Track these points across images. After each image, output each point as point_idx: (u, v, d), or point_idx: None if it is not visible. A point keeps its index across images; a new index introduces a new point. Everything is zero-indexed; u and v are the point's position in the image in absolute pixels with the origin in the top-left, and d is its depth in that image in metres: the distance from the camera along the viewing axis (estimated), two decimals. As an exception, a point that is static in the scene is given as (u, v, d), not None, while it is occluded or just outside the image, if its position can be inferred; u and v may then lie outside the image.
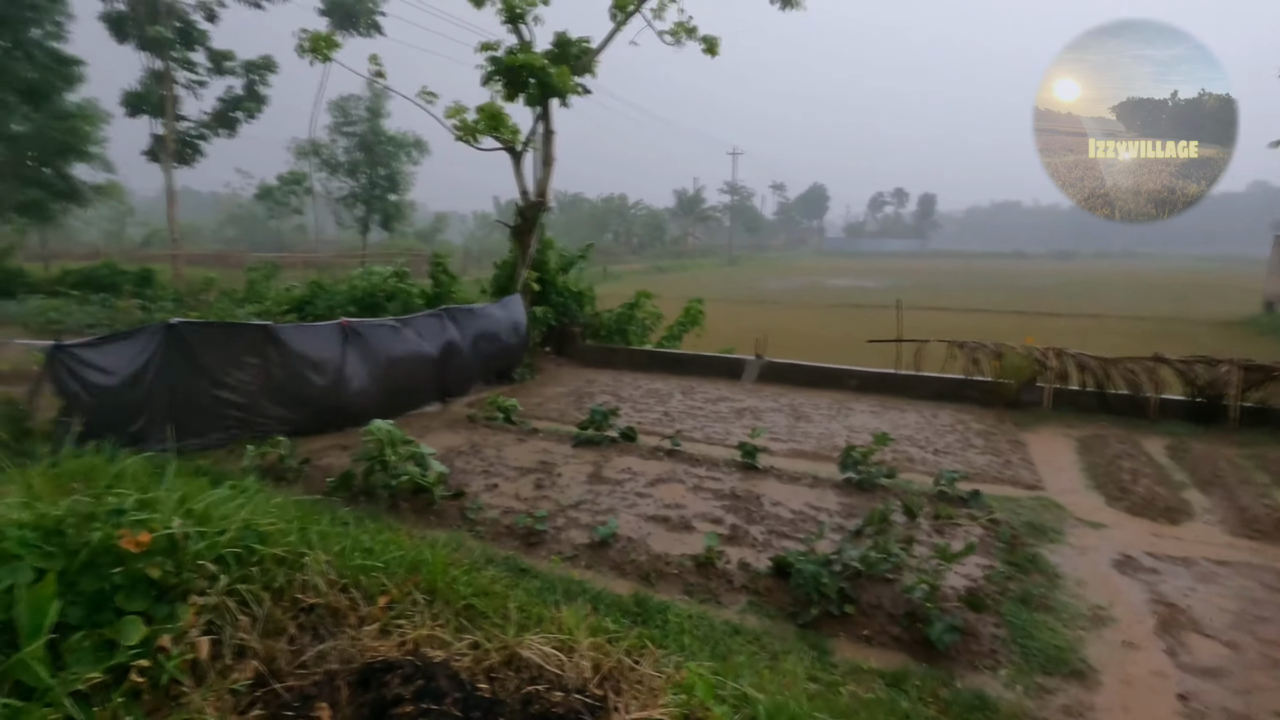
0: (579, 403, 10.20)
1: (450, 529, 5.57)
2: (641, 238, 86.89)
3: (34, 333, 12.68)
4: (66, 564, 2.98)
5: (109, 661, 2.78)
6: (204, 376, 7.34)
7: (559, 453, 7.68)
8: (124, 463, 4.92)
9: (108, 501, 3.37)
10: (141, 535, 3.13)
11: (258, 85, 25.51)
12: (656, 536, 5.50)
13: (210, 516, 3.80)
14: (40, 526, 3.14)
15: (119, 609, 3.01)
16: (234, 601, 3.37)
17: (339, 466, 6.84)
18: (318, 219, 42.27)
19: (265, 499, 4.62)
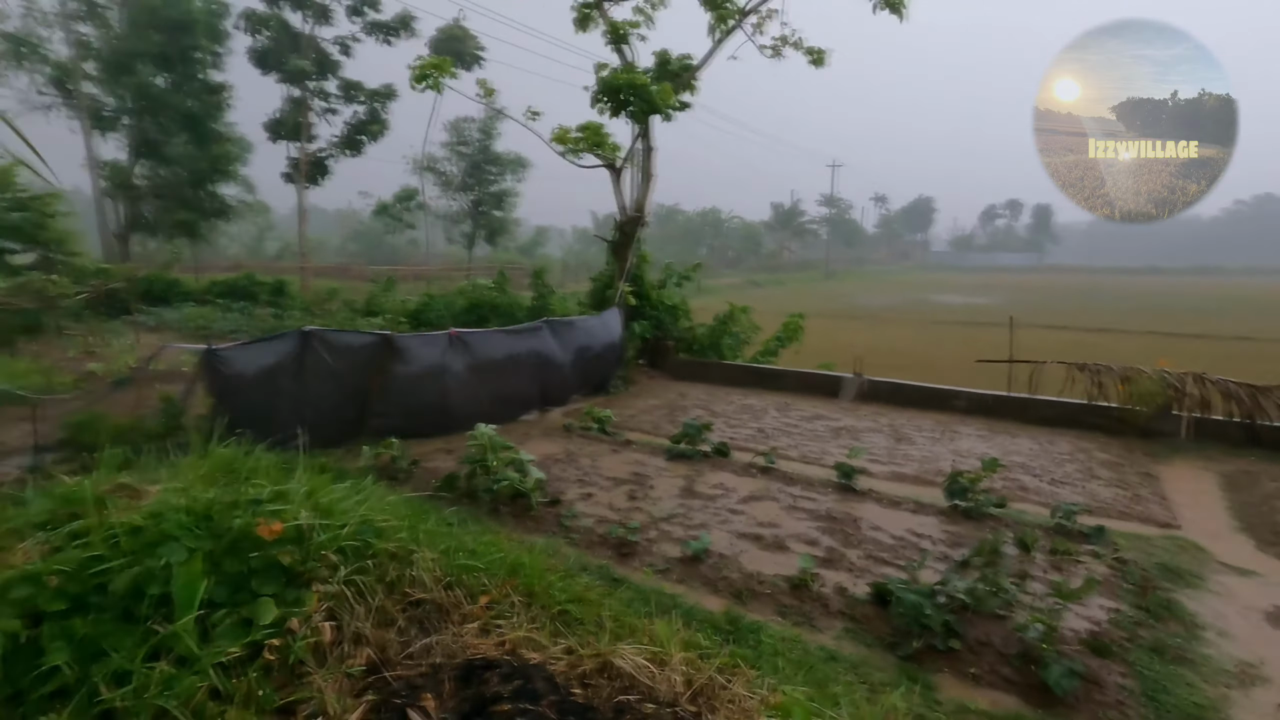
0: (672, 416, 10.24)
1: (547, 535, 5.72)
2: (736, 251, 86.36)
3: (187, 337, 14.17)
4: (214, 546, 3.32)
5: (246, 638, 3.06)
6: (330, 379, 7.94)
7: (652, 465, 7.74)
8: (260, 457, 5.42)
9: (248, 492, 3.71)
10: (275, 525, 3.43)
11: (381, 112, 27.50)
12: (749, 555, 5.42)
13: (333, 510, 4.10)
14: (193, 511, 3.50)
15: (255, 590, 3.30)
16: (351, 591, 3.62)
17: (445, 469, 7.20)
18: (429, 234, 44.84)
19: (380, 497, 4.94)
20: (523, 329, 10.98)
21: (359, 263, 49.09)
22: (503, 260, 45.33)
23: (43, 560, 3.11)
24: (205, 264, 27.99)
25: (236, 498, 3.61)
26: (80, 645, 2.84)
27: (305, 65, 24.98)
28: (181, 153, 23.69)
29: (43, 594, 2.91)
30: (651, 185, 13.50)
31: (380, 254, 61.45)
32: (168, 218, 23.93)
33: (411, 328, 15.36)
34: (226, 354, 7.07)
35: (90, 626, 2.90)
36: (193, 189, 24.16)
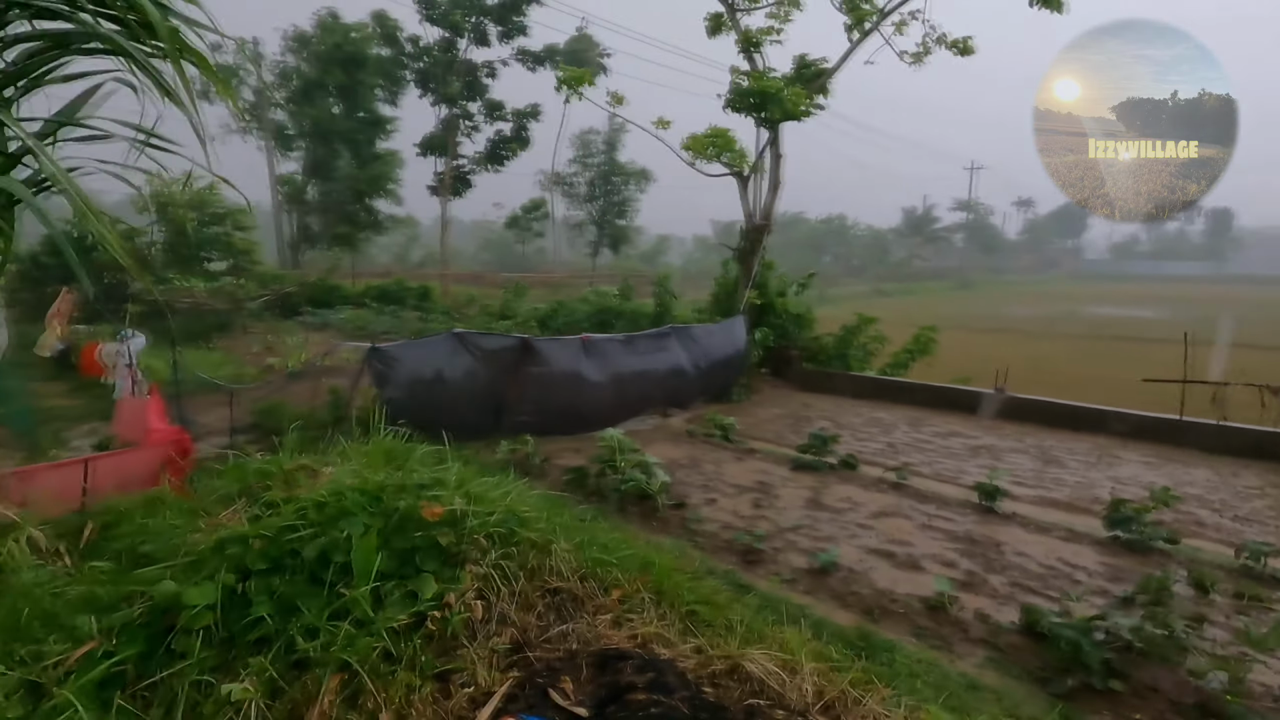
0: (796, 426, 10.06)
1: (673, 537, 5.83)
2: (862, 259, 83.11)
3: (347, 336, 15.70)
4: (384, 524, 3.69)
5: (412, 608, 3.38)
6: (474, 378, 8.53)
7: (776, 474, 7.66)
8: (415, 446, 5.92)
9: (412, 477, 4.09)
10: (436, 508, 3.76)
11: (525, 130, 29.21)
12: (880, 571, 5.25)
13: (481, 498, 4.42)
14: (366, 491, 3.91)
15: (418, 566, 3.64)
16: (498, 574, 3.90)
17: (575, 467, 7.50)
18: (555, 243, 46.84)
19: (519, 490, 5.26)
20: (649, 335, 11.23)
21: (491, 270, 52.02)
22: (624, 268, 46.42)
23: (249, 525, 3.59)
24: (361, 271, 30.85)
25: (403, 482, 3.98)
26: (278, 601, 3.25)
27: (456, 88, 27.01)
28: (345, 172, 26.40)
29: (250, 554, 3.37)
30: (779, 192, 13.36)
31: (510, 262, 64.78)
32: (331, 230, 26.73)
33: (541, 332, 16.10)
34: (387, 352, 7.80)
35: (286, 585, 3.32)
36: (353, 204, 26.85)
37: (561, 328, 17.21)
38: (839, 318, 15.49)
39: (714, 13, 12.94)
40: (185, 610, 3.03)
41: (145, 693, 2.85)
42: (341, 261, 26.35)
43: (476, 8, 26.55)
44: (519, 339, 9.29)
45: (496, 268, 57.01)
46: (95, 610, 3.00)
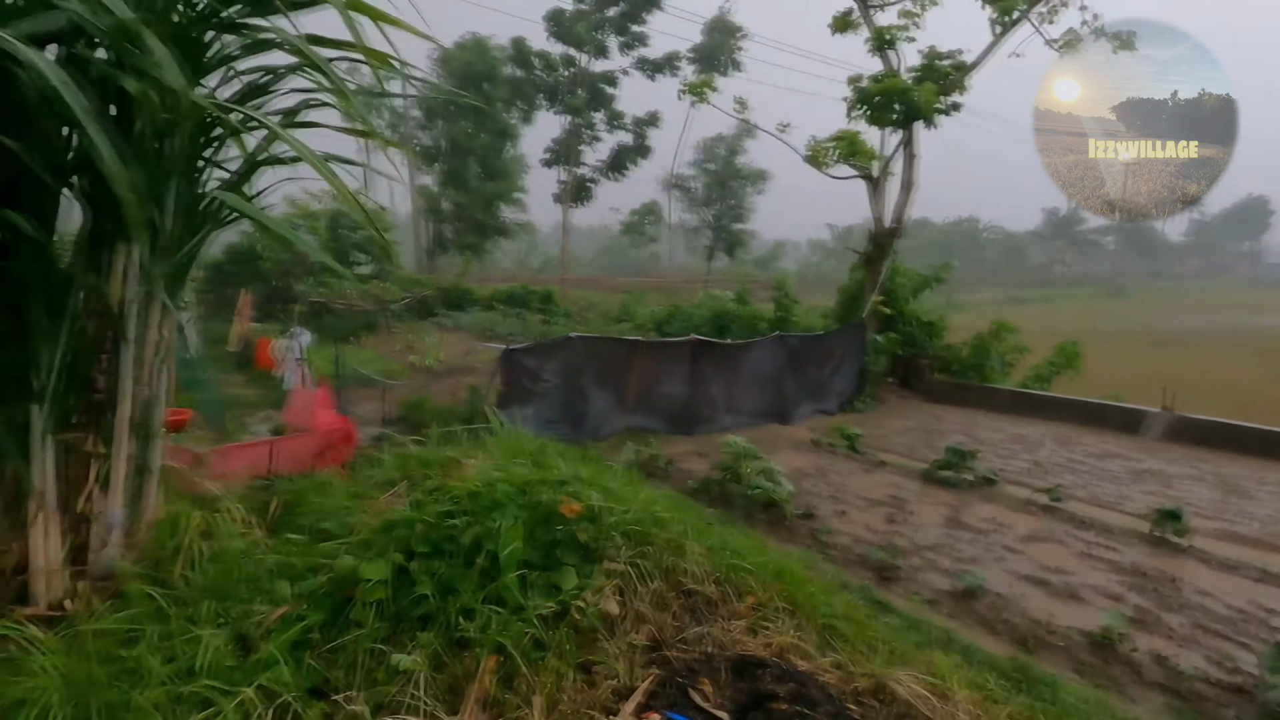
0: (928, 439, 9.55)
1: (802, 547, 5.70)
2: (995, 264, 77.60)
3: (476, 337, 16.64)
4: (530, 516, 3.87)
5: (556, 599, 3.52)
6: (595, 379, 8.78)
7: (909, 489, 7.30)
8: (546, 442, 6.16)
9: (553, 473, 4.25)
10: (576, 504, 3.89)
11: (644, 138, 29.82)
12: (1034, 600, 4.86)
13: (615, 496, 4.52)
14: (514, 485, 4.12)
15: (559, 559, 3.78)
16: (634, 572, 3.97)
17: (698, 471, 7.53)
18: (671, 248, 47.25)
19: (650, 490, 5.34)
20: (762, 340, 11.10)
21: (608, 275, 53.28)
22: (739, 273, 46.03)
23: (412, 510, 3.87)
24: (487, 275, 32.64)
25: (545, 477, 4.14)
26: (439, 582, 3.48)
27: (580, 100, 28.03)
28: (476, 183, 28.09)
29: (414, 536, 3.63)
30: (912, 195, 12.76)
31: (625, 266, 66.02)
32: (462, 237, 28.49)
33: (659, 336, 16.26)
34: (520, 353, 8.18)
35: (445, 568, 3.55)
36: (482, 213, 28.50)
37: (679, 331, 17.30)
38: (970, 326, 14.54)
39: (843, 11, 12.56)
40: (362, 584, 3.31)
41: (329, 655, 3.14)
42: (471, 266, 27.96)
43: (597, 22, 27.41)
44: (636, 341, 9.46)
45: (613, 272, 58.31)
46: (289, 577, 3.34)
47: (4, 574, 3.37)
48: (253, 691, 2.80)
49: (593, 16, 27.72)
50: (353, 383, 9.12)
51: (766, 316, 16.79)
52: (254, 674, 2.90)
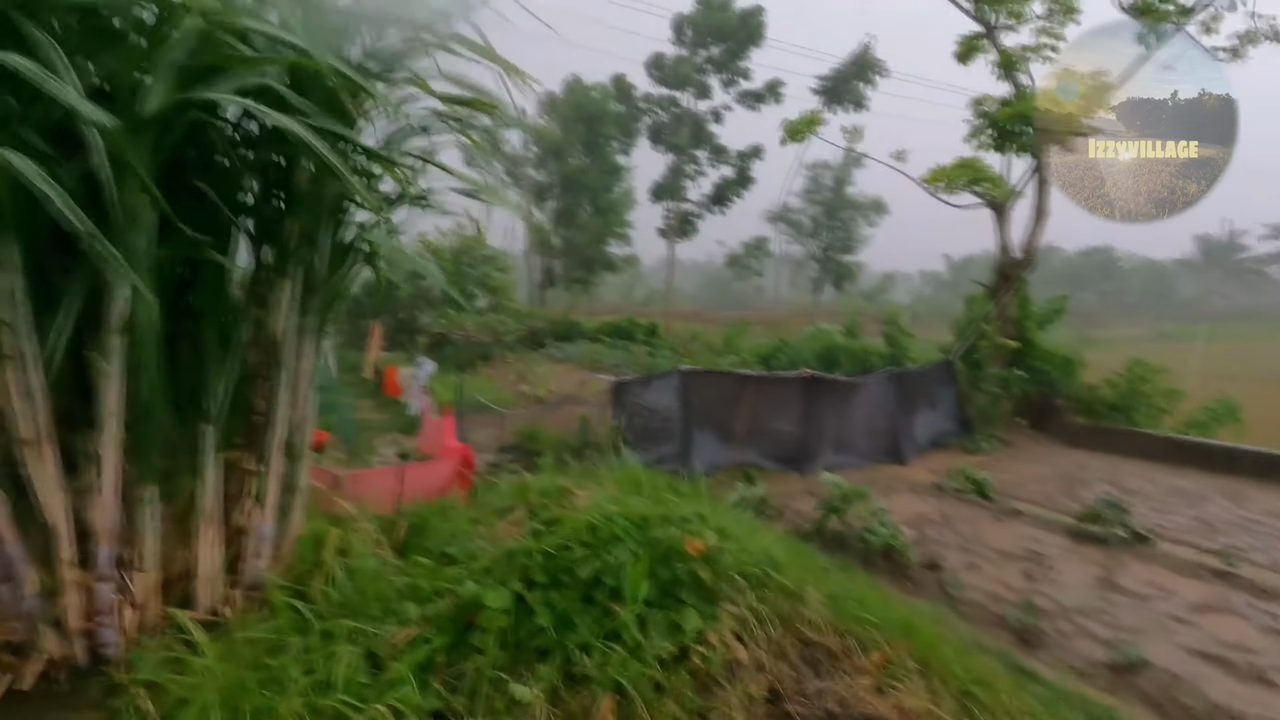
0: (1068, 488, 8.71)
1: (927, 599, 5.30)
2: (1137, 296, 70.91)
3: (584, 368, 17.02)
4: (649, 553, 3.81)
5: (676, 640, 3.43)
6: (704, 412, 8.69)
7: (1050, 543, 6.64)
8: (657, 476, 6.12)
9: (674, 509, 4.19)
10: (698, 542, 3.80)
11: (747, 171, 29.97)
12: (1212, 681, 4.24)
13: (731, 535, 4.39)
14: (632, 520, 4.09)
15: (680, 598, 3.69)
16: (754, 617, 3.81)
17: (808, 512, 7.22)
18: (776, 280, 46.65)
19: (765, 530, 5.16)
20: (876, 376, 10.64)
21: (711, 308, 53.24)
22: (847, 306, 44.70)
23: (531, 539, 3.91)
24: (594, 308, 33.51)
25: (665, 513, 4.08)
26: (557, 615, 3.48)
27: (683, 137, 28.64)
28: (585, 219, 29.17)
29: (534, 566, 3.67)
30: (1043, 223, 11.92)
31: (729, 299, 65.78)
32: (571, 272, 29.55)
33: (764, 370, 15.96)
34: (630, 385, 8.25)
35: (563, 601, 3.55)
36: (591, 247, 29.49)
37: (785, 366, 16.93)
38: (1107, 364, 13.27)
39: (968, 35, 12.06)
40: (484, 611, 3.37)
41: (452, 679, 3.19)
42: (579, 299, 28.84)
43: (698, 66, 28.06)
44: (746, 375, 9.30)
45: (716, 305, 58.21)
46: (417, 599, 3.46)
47: (172, 579, 3.70)
48: (383, 709, 2.89)
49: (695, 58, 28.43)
50: (470, 410, 9.53)
51: (878, 351, 16.13)
52: (384, 693, 2.99)
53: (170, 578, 3.69)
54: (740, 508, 5.60)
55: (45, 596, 3.27)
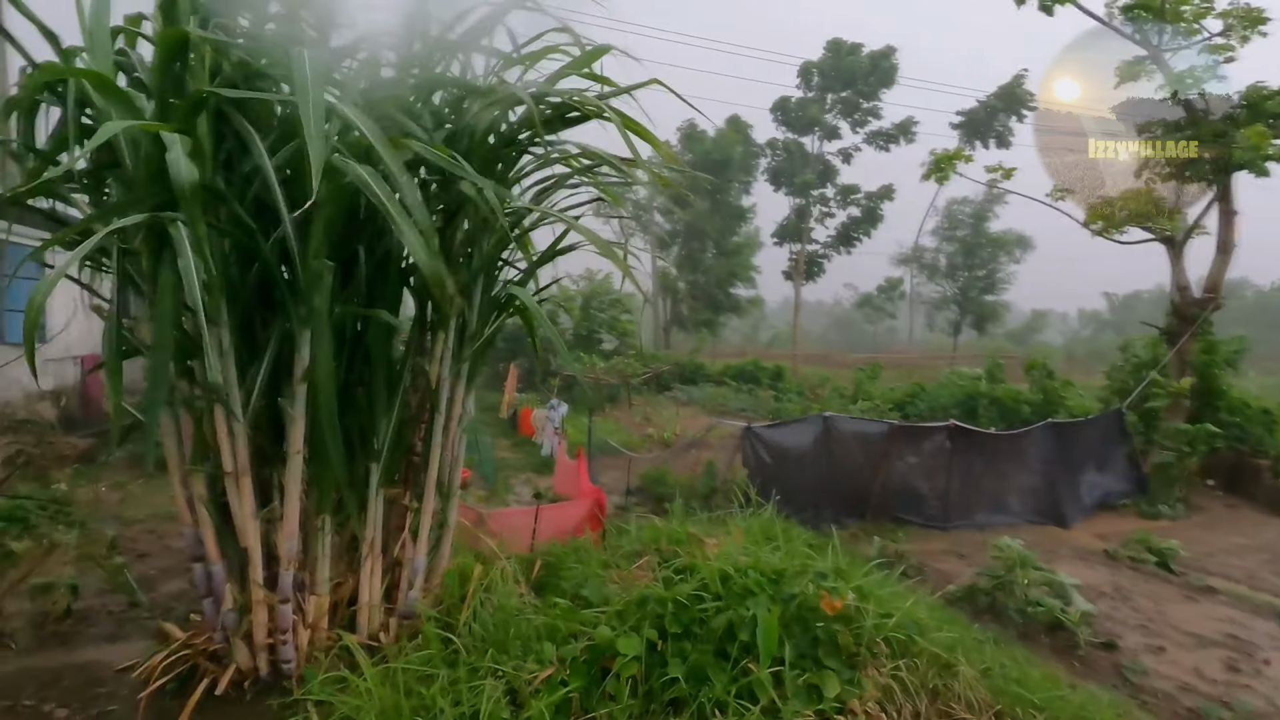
0: (1276, 564, 7.47)
1: (1103, 685, 4.69)
2: (1354, 338, 60.40)
3: (709, 412, 16.95)
4: (784, 609, 3.68)
5: (814, 705, 3.27)
6: (838, 462, 8.36)
7: (1259, 629, 5.69)
8: (791, 528, 5.93)
9: (809, 564, 4.04)
10: (837, 601, 3.62)
11: (877, 210, 29.11)
12: None
13: (871, 596, 4.14)
14: (765, 573, 3.98)
15: (818, 660, 3.52)
16: (899, 687, 3.56)
17: (955, 574, 6.69)
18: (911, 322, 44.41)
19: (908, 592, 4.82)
20: (1033, 428, 9.73)
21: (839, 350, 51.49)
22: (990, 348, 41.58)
23: (663, 587, 3.91)
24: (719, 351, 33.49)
25: (803, 567, 3.94)
26: (690, 667, 3.44)
27: (810, 178, 28.38)
28: (711, 263, 29.47)
29: (667, 616, 3.65)
30: (1228, 258, 10.58)
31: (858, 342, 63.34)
32: (697, 314, 29.82)
33: (899, 417, 15.15)
34: (761, 432, 8.12)
35: (696, 653, 3.50)
36: (717, 290, 29.69)
37: (922, 413, 15.96)
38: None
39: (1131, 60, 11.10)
40: (619, 657, 3.39)
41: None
42: (704, 342, 28.93)
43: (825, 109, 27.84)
44: (886, 425, 8.86)
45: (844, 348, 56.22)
46: (554, 640, 3.54)
47: (339, 604, 4.04)
48: (523, 748, 2.97)
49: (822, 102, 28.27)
50: (598, 452, 9.75)
51: (1027, 398, 14.82)
52: (524, 732, 3.08)
53: (336, 602, 4.04)
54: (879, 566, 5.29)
55: (239, 612, 3.68)
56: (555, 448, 10.21)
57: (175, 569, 5.75)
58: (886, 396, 17.08)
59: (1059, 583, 5.55)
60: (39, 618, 4.49)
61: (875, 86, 27.75)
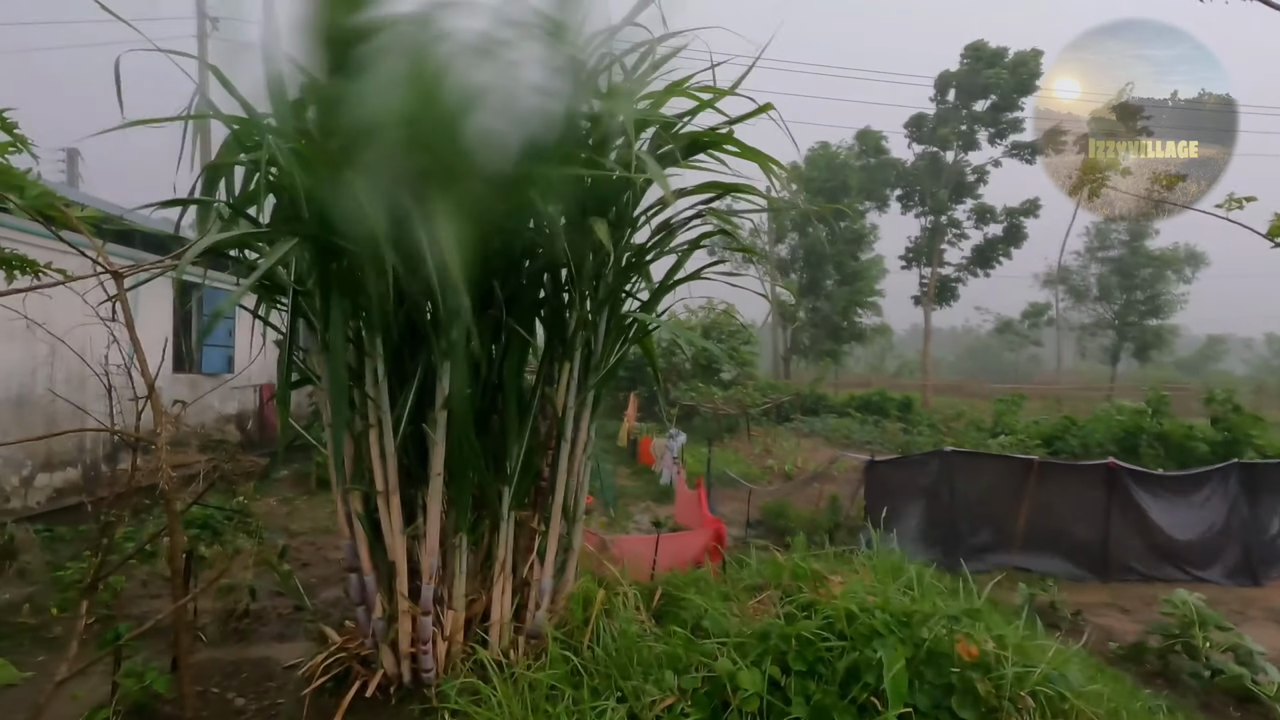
0: None
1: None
2: None
3: (831, 444, 16.40)
4: (914, 652, 3.49)
5: (951, 760, 3.06)
6: (973, 501, 7.81)
7: None
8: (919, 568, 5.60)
9: (942, 607, 3.81)
10: (973, 647, 3.39)
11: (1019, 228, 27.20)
12: None
13: (1016, 645, 3.83)
14: (891, 613, 3.80)
15: (953, 710, 3.30)
16: (1050, 751, 3.25)
17: (1118, 630, 6.03)
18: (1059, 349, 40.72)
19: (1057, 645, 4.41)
20: (1211, 470, 8.62)
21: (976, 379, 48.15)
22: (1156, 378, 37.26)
23: (785, 623, 3.83)
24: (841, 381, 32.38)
25: (932, 610, 3.73)
26: (813, 707, 3.34)
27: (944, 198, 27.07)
28: (833, 290, 28.72)
29: (790, 652, 3.57)
30: None
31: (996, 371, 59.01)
32: (818, 344, 29.09)
33: (1046, 453, 13.89)
34: (886, 465, 7.77)
35: (820, 693, 3.39)
36: (839, 319, 28.84)
37: (1074, 449, 14.56)
38: None
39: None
40: (740, 691, 3.36)
41: (710, 759, 3.20)
42: (827, 372, 28.14)
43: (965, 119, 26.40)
44: (1024, 461, 8.18)
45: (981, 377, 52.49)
46: (674, 668, 3.56)
47: (473, 619, 4.29)
48: (643, 775, 2.99)
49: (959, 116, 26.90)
50: (717, 483, 9.71)
51: (1205, 435, 13.12)
52: (645, 758, 3.11)
53: (470, 617, 4.29)
54: (1023, 614, 4.88)
55: (387, 621, 4.01)
56: (674, 477, 10.29)
57: (332, 577, 6.34)
58: (1031, 430, 15.76)
59: (1245, 647, 4.85)
60: (223, 615, 5.11)
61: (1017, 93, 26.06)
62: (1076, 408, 24.66)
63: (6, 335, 6.92)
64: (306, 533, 7.89)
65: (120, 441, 7.70)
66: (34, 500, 7.51)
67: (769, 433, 17.94)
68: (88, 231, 2.92)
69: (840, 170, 28.30)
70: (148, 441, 2.85)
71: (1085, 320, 37.16)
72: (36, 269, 3.05)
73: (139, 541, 4.92)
